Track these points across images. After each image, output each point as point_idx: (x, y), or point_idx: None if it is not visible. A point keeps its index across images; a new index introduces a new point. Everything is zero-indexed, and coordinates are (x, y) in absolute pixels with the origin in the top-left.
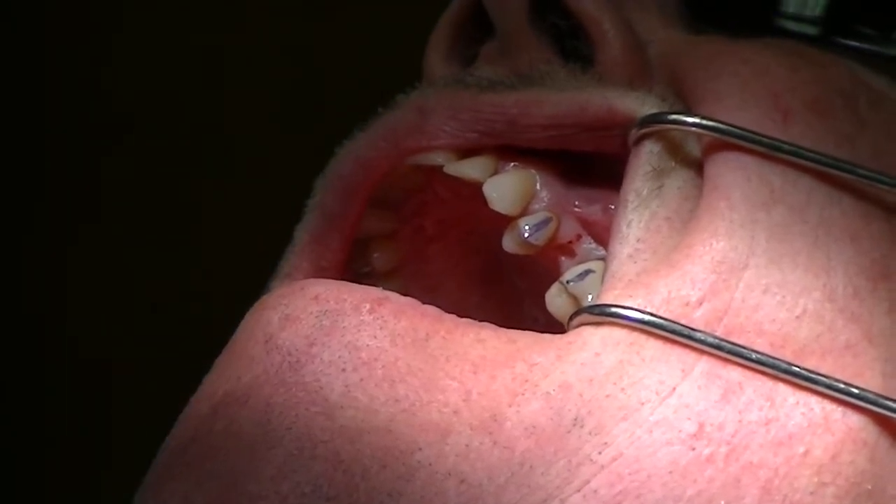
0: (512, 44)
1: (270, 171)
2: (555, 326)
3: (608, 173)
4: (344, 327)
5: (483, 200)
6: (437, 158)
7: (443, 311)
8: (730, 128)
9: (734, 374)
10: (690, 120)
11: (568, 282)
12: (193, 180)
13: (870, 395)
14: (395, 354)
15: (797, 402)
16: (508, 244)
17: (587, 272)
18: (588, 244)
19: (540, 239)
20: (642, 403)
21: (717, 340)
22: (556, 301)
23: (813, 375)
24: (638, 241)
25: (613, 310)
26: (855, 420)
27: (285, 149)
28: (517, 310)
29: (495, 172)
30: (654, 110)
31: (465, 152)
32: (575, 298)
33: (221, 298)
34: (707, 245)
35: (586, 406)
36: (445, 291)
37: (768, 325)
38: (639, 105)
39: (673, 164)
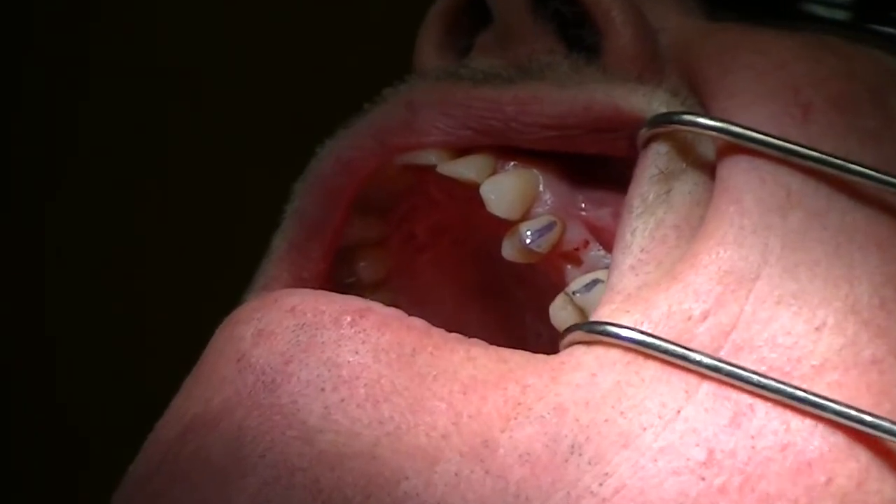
0: (510, 32)
1: (245, 174)
2: (557, 341)
3: (619, 173)
4: (323, 342)
5: (480, 203)
6: (428, 157)
7: (430, 325)
8: (743, 130)
9: (744, 394)
10: (701, 121)
11: (574, 293)
12: (157, 180)
13: (890, 425)
14: (379, 372)
15: (816, 425)
16: (508, 251)
17: (595, 282)
18: (596, 251)
19: (543, 245)
20: (644, 429)
21: (714, 362)
22: (560, 314)
23: (826, 403)
24: (642, 250)
25: (606, 328)
26: (880, 444)
27: (261, 149)
28: (518, 324)
29: (494, 172)
30: (664, 109)
31: (460, 151)
32: (581, 311)
33: (192, 312)
34: (713, 254)
35: (583, 432)
36: (439, 305)
37: (782, 338)
38: (647, 103)
39: (683, 165)
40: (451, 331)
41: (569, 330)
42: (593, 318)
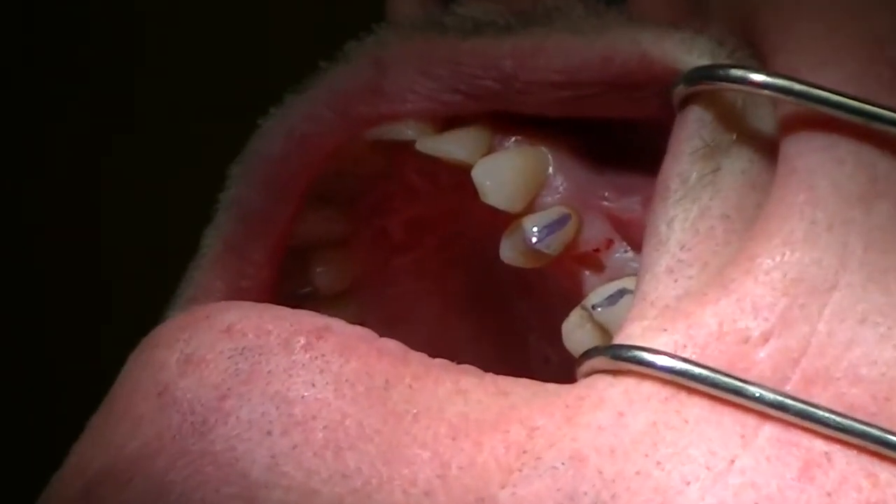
0: None
1: (169, 154)
2: (572, 370)
3: (651, 149)
4: (269, 371)
5: (472, 191)
6: (404, 131)
7: (407, 348)
8: (816, 91)
9: (818, 440)
10: (758, 77)
11: (594, 307)
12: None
13: None
14: (342, 410)
15: None
16: (509, 253)
17: (621, 293)
18: (622, 253)
19: (553, 246)
20: (688, 483)
21: (779, 398)
22: (576, 334)
23: None
24: (681, 248)
25: (637, 353)
26: None
27: (187, 121)
28: (521, 347)
29: (489, 151)
30: (706, 60)
31: (446, 122)
32: (604, 330)
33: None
34: (777, 255)
35: (608, 488)
36: (418, 322)
37: (867, 367)
38: (684, 52)
39: (733, 137)
40: (434, 355)
41: (588, 355)
42: (619, 340)
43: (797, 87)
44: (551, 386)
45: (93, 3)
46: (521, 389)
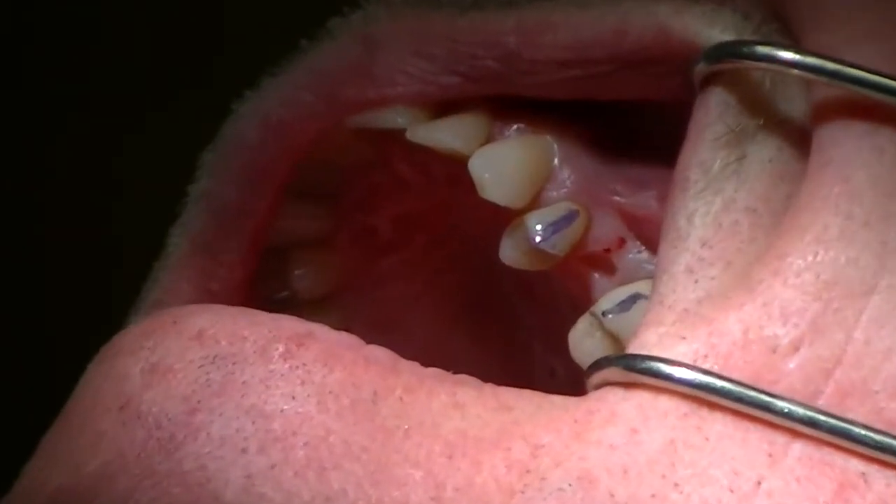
0: None
1: (130, 139)
2: (581, 383)
3: (666, 138)
4: (244, 382)
5: (468, 185)
6: (394, 118)
7: (397, 356)
8: (850, 69)
9: (853, 459)
10: (786, 55)
11: (605, 313)
12: None
13: None
14: (326, 425)
15: None
16: (510, 254)
17: (635, 297)
18: (636, 253)
19: (559, 245)
20: None
21: (810, 413)
22: (585, 343)
23: None
24: (703, 245)
25: (652, 364)
26: None
27: (153, 103)
28: (524, 357)
29: (488, 141)
30: (730, 36)
31: (440, 108)
32: (615, 339)
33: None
34: (809, 254)
35: None
36: (409, 329)
37: None
38: (706, 25)
39: (760, 121)
40: (427, 365)
41: (598, 365)
42: (633, 349)
43: (830, 65)
44: (557, 399)
45: None
46: (524, 403)
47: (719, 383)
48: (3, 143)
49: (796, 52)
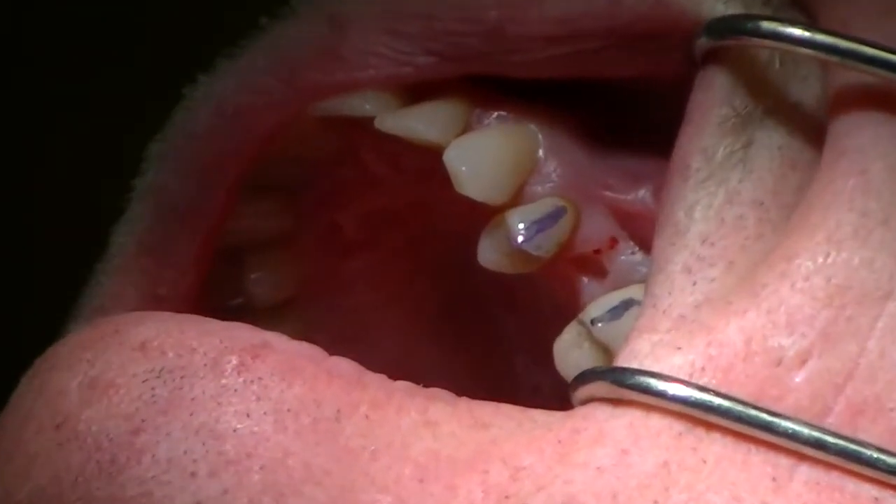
0: None
1: (64, 126)
2: (567, 399)
3: (663, 127)
4: (193, 399)
5: (444, 179)
6: (362, 105)
7: (363, 369)
8: (866, 48)
9: (866, 484)
10: (795, 32)
11: (594, 321)
12: None
13: None
14: (284, 446)
15: None
16: (489, 255)
17: (628, 303)
18: (629, 254)
19: (545, 246)
20: None
21: (818, 434)
22: (571, 355)
23: None
24: (703, 241)
25: (646, 380)
26: None
27: (97, 86)
28: (503, 369)
29: (466, 130)
30: (736, 9)
31: (413, 93)
32: (605, 350)
33: None
34: (820, 255)
35: None
36: (377, 339)
37: None
38: None
39: (770, 105)
40: (397, 378)
41: (584, 378)
42: (624, 360)
43: (844, 44)
44: (540, 416)
45: None
46: (502, 420)
47: (717, 401)
48: None
49: (805, 28)
